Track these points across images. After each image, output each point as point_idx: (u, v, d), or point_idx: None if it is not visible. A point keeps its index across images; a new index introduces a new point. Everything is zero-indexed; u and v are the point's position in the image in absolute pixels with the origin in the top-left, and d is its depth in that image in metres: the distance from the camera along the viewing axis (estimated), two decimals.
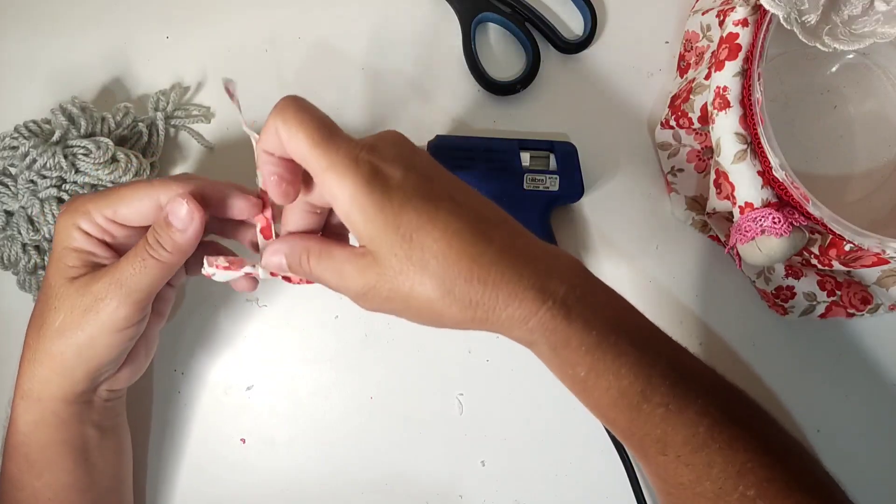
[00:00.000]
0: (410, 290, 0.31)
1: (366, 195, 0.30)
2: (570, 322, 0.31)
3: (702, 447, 0.31)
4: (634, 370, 0.31)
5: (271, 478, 0.47)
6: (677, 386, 0.32)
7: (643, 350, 0.32)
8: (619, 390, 0.31)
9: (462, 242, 0.31)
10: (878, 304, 0.46)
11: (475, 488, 0.47)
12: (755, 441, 0.32)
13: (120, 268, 0.36)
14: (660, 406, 0.31)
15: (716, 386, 0.34)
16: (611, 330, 0.32)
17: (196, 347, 0.48)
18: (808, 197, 0.38)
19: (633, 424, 0.32)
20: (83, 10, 0.50)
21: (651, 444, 0.32)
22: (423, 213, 0.31)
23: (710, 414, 0.32)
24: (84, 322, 0.35)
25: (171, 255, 0.36)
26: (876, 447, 0.49)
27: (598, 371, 0.31)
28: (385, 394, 0.48)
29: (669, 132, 0.48)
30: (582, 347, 0.31)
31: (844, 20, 0.40)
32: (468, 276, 0.30)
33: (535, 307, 0.31)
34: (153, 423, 0.47)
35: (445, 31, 0.50)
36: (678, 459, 0.32)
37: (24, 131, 0.44)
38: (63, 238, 0.36)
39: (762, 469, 0.32)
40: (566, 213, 0.49)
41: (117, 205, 0.36)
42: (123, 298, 0.35)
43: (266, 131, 0.32)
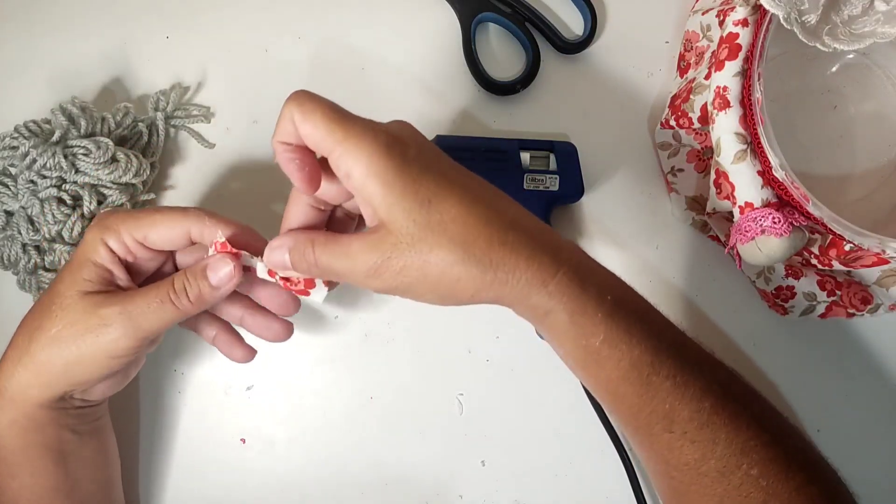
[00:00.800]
0: (428, 257, 0.31)
1: (384, 160, 0.30)
2: (584, 288, 0.31)
3: (707, 423, 0.32)
4: (644, 341, 0.32)
5: (271, 478, 0.47)
6: (682, 360, 0.32)
7: (650, 323, 0.33)
8: (631, 361, 0.32)
9: (480, 208, 0.31)
10: (878, 304, 0.46)
11: (475, 488, 0.47)
12: (756, 420, 0.33)
13: (135, 301, 0.35)
14: (668, 378, 0.32)
15: (715, 364, 0.34)
16: (620, 302, 0.32)
17: (196, 347, 0.48)
18: (808, 197, 0.38)
19: (642, 399, 0.32)
20: (83, 10, 0.50)
21: (658, 421, 0.32)
22: (442, 180, 0.31)
23: (713, 390, 0.32)
24: (81, 340, 0.35)
25: (192, 306, 0.36)
26: (876, 447, 0.49)
27: (612, 340, 0.32)
28: (385, 394, 0.48)
29: (669, 132, 0.48)
30: (598, 314, 0.31)
31: (844, 20, 0.40)
32: (489, 237, 0.31)
33: (553, 269, 0.31)
34: (153, 424, 0.47)
35: (445, 31, 0.50)
36: (684, 436, 0.32)
37: (24, 131, 0.44)
38: (88, 250, 0.36)
39: (764, 448, 0.32)
40: (566, 212, 0.49)
41: (149, 229, 0.36)
42: (129, 332, 0.35)
43: (281, 121, 0.32)
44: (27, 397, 0.36)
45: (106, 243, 0.36)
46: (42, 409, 0.37)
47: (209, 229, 0.36)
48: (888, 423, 0.49)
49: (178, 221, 0.36)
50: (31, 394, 0.36)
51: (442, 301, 0.33)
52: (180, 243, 0.37)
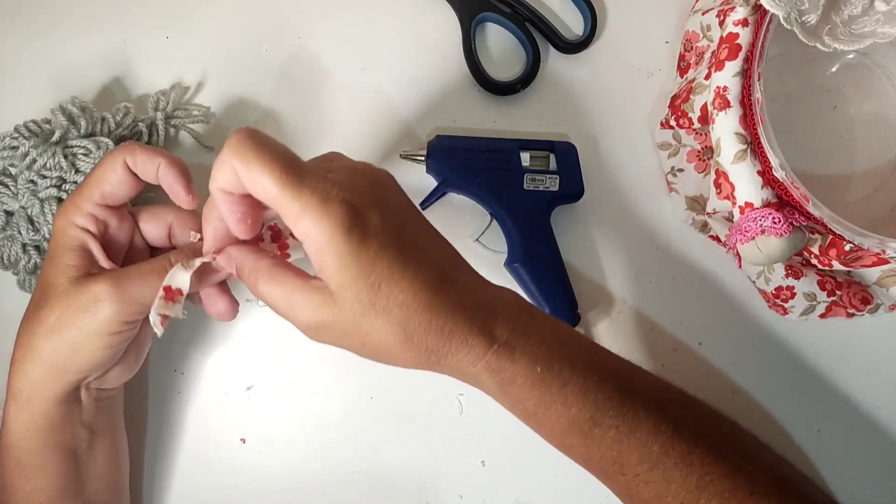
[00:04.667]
0: (368, 333, 0.32)
1: (343, 242, 0.30)
2: (514, 361, 0.32)
3: (657, 465, 0.33)
4: (581, 398, 0.33)
5: (271, 478, 0.47)
6: (626, 407, 0.33)
7: (589, 376, 0.33)
8: (569, 418, 0.33)
9: (426, 294, 0.32)
10: (878, 304, 0.46)
11: (475, 488, 0.47)
12: (711, 454, 0.33)
13: (127, 274, 0.36)
14: (610, 429, 0.33)
15: (668, 402, 0.34)
16: (554, 361, 0.33)
17: (196, 347, 0.48)
18: (808, 197, 0.38)
19: (589, 449, 0.33)
20: (83, 10, 0.50)
21: (609, 465, 0.34)
22: (395, 264, 0.31)
23: (663, 431, 0.33)
24: (79, 321, 0.35)
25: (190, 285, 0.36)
26: (876, 447, 0.49)
27: (546, 403, 0.33)
28: (385, 394, 0.48)
29: (669, 132, 0.48)
30: (527, 383, 0.33)
31: (844, 20, 0.40)
32: (428, 324, 0.32)
33: (482, 351, 0.32)
34: (153, 424, 0.47)
35: (445, 31, 0.50)
36: (637, 478, 0.33)
37: (24, 131, 0.44)
38: (60, 238, 0.37)
39: (721, 480, 0.33)
40: (566, 213, 0.49)
41: (98, 186, 0.37)
42: (121, 305, 0.35)
43: (222, 169, 0.30)
44: (41, 394, 0.36)
45: (75, 223, 0.37)
46: (58, 405, 0.37)
47: (140, 156, 0.37)
48: (888, 423, 0.49)
49: (113, 162, 0.37)
50: (43, 389, 0.36)
51: (379, 362, 0.34)
52: (129, 179, 0.37)
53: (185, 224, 0.39)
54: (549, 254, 0.47)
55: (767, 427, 0.48)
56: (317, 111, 0.50)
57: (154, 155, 0.37)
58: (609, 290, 0.49)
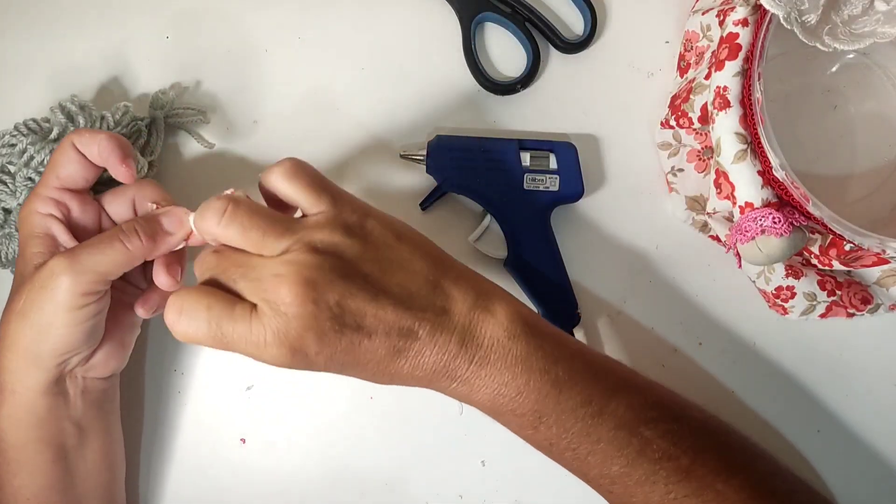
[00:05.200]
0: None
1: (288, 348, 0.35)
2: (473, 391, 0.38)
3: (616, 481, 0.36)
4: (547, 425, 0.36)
5: (271, 478, 0.47)
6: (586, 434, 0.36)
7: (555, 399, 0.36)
8: (536, 443, 0.37)
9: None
10: (878, 304, 0.46)
11: (475, 488, 0.47)
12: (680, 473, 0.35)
13: (81, 247, 0.36)
14: (567, 450, 0.37)
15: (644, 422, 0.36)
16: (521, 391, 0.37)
17: (196, 347, 0.48)
18: (808, 197, 0.38)
19: (550, 455, 0.38)
20: (83, 9, 0.50)
21: (573, 471, 0.38)
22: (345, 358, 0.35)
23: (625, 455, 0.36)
24: (39, 300, 0.35)
25: (143, 247, 0.36)
26: (876, 447, 0.49)
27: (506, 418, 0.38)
28: (385, 394, 0.48)
29: (669, 132, 0.48)
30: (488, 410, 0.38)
31: (844, 20, 0.40)
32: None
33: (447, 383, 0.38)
34: (153, 424, 0.47)
35: (445, 31, 0.50)
36: (600, 487, 0.38)
37: (22, 129, 0.44)
38: (25, 228, 0.38)
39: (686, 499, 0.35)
40: (566, 213, 0.49)
41: (53, 171, 0.38)
42: (76, 276, 0.34)
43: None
44: (24, 385, 0.36)
45: (36, 210, 0.37)
46: (42, 396, 0.37)
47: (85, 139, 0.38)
48: (888, 423, 0.49)
49: (63, 145, 0.38)
50: (25, 379, 0.36)
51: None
52: (80, 160, 0.38)
53: (145, 196, 0.40)
54: (549, 254, 0.46)
55: (767, 427, 0.48)
56: (317, 111, 0.50)
57: (95, 133, 0.38)
58: (609, 290, 0.49)
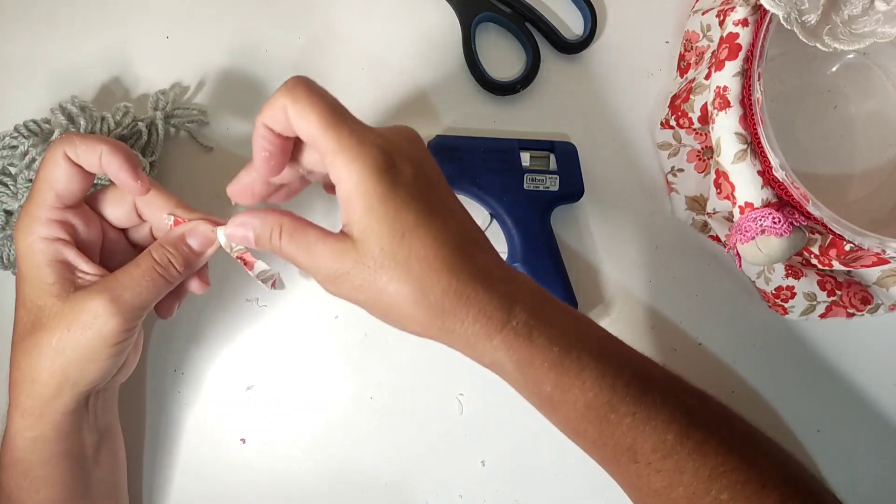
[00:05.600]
0: (385, 286, 0.31)
1: (374, 184, 0.30)
2: (531, 341, 0.32)
3: (671, 453, 0.32)
4: (599, 382, 0.32)
5: (271, 478, 0.47)
6: (643, 395, 0.33)
7: (606, 362, 0.33)
8: (586, 403, 0.32)
9: (447, 254, 0.31)
10: (878, 304, 0.46)
11: (475, 488, 0.47)
12: (724, 446, 0.33)
13: (122, 285, 0.35)
14: (627, 415, 0.32)
15: (681, 393, 0.34)
16: (572, 346, 0.32)
17: (196, 347, 0.48)
18: (808, 197, 0.38)
19: (603, 435, 0.33)
20: (83, 10, 0.50)
21: (622, 453, 0.33)
22: (422, 217, 0.31)
23: (678, 420, 0.33)
24: (84, 339, 0.34)
25: (180, 275, 0.36)
26: (876, 447, 0.49)
27: (564, 386, 0.32)
28: (385, 394, 0.48)
29: (669, 132, 0.48)
30: (545, 364, 0.32)
31: (844, 20, 0.40)
32: (447, 286, 0.31)
33: (500, 325, 0.32)
34: (153, 424, 0.47)
35: (445, 31, 0.50)
36: (649, 466, 0.33)
37: (23, 130, 0.44)
38: (29, 257, 0.35)
39: (733, 472, 0.32)
40: (566, 213, 0.49)
41: (50, 189, 0.35)
42: (122, 316, 0.34)
43: (272, 107, 0.32)
44: (53, 409, 0.36)
45: (42, 237, 0.35)
46: (68, 415, 0.37)
47: (80, 146, 0.35)
48: (888, 423, 0.49)
49: (53, 156, 0.35)
50: (57, 405, 0.36)
51: (390, 324, 0.34)
52: (79, 175, 0.35)
53: (154, 206, 0.37)
54: (549, 254, 0.47)
55: (767, 427, 0.48)
56: None
57: (94, 142, 0.35)
58: (609, 290, 0.49)
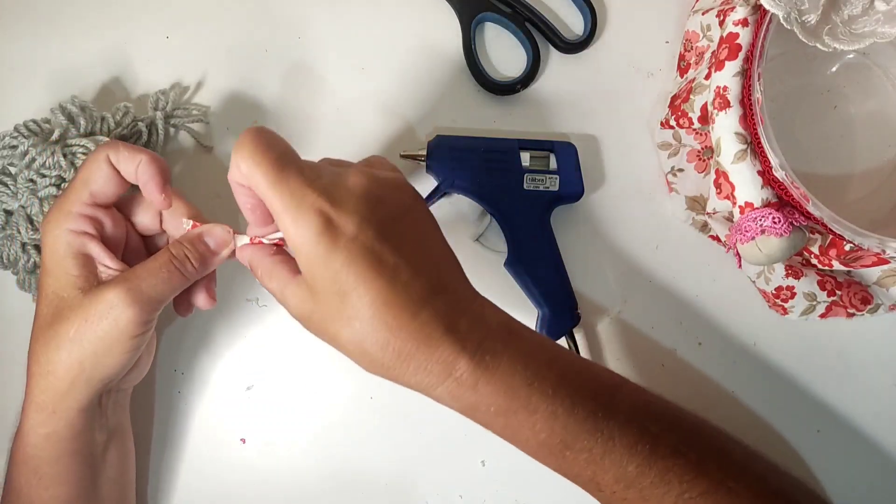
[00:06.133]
0: (336, 335, 0.33)
1: (312, 246, 0.31)
2: (476, 391, 0.32)
3: (633, 484, 0.32)
4: (550, 424, 0.32)
5: (271, 478, 0.47)
6: (599, 431, 0.32)
7: (561, 401, 0.32)
8: (538, 442, 0.33)
9: (388, 313, 0.32)
10: (878, 304, 0.46)
11: (475, 488, 0.47)
12: (690, 472, 0.32)
13: (139, 277, 0.36)
14: (583, 451, 0.32)
15: (645, 420, 0.34)
16: (523, 388, 0.32)
17: (196, 347, 0.48)
18: (808, 197, 0.38)
19: (562, 468, 0.34)
20: (83, 10, 0.50)
21: (586, 483, 0.34)
22: (361, 277, 0.31)
23: (639, 451, 0.32)
24: (100, 330, 0.35)
25: (197, 272, 0.37)
26: (876, 447, 0.49)
27: (513, 428, 0.33)
28: (385, 394, 0.48)
29: (669, 132, 0.48)
30: (491, 409, 0.33)
31: (844, 20, 0.40)
32: (385, 344, 0.32)
33: (442, 377, 0.32)
34: (153, 424, 0.47)
35: (445, 31, 0.50)
36: (614, 495, 0.33)
37: (23, 130, 0.44)
38: (57, 248, 0.36)
39: (700, 498, 0.32)
40: (566, 213, 0.49)
41: (86, 186, 0.37)
42: (139, 308, 0.35)
43: (232, 164, 0.33)
44: (66, 405, 0.36)
45: (69, 230, 0.36)
46: (83, 413, 0.37)
47: (122, 153, 0.37)
48: (888, 423, 0.49)
49: (96, 158, 0.37)
50: (71, 401, 0.36)
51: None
52: (116, 179, 0.37)
53: (177, 212, 0.39)
54: (549, 254, 0.47)
55: (767, 427, 0.48)
56: (317, 111, 0.50)
57: (136, 152, 0.37)
58: (609, 290, 0.49)
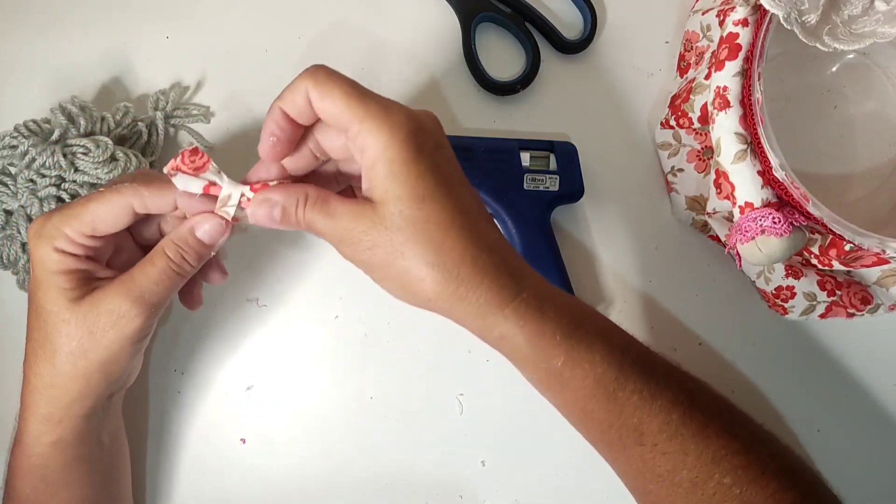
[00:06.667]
0: (401, 247, 0.31)
1: (399, 148, 0.31)
2: (542, 313, 0.32)
3: (676, 434, 0.33)
4: (608, 358, 0.33)
5: (271, 478, 0.47)
6: (648, 374, 0.33)
7: (613, 340, 0.33)
8: (595, 378, 0.32)
9: (464, 223, 0.32)
10: (878, 304, 0.46)
11: (475, 488, 0.47)
12: (724, 430, 0.33)
13: (137, 281, 0.34)
14: (634, 393, 0.33)
15: (682, 377, 0.35)
16: (581, 323, 0.33)
17: (196, 347, 0.48)
18: (808, 197, 0.38)
19: (611, 414, 0.33)
20: (83, 10, 0.50)
21: (628, 434, 0.33)
22: (442, 185, 0.31)
23: (681, 402, 0.33)
24: (106, 340, 0.34)
25: (194, 268, 0.36)
26: (876, 447, 0.49)
27: (574, 360, 0.32)
28: (385, 394, 0.48)
29: (669, 132, 0.48)
30: (556, 336, 0.32)
31: (844, 20, 0.40)
32: (462, 252, 0.31)
33: (512, 295, 0.32)
34: (153, 424, 0.47)
35: (445, 31, 0.50)
36: (655, 448, 0.33)
37: (23, 130, 0.44)
38: (46, 264, 0.34)
39: (735, 456, 0.33)
40: (566, 213, 0.49)
41: (92, 220, 0.34)
42: (147, 315, 0.35)
43: (292, 91, 0.32)
44: (73, 413, 0.36)
45: (58, 249, 0.34)
46: (87, 419, 0.37)
47: (152, 202, 0.35)
48: (888, 423, 0.49)
49: (117, 202, 0.34)
50: (78, 409, 0.36)
51: (399, 293, 0.33)
52: (128, 220, 0.35)
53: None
54: (549, 254, 0.47)
55: (767, 427, 0.48)
56: None
57: (164, 188, 0.34)
58: (609, 290, 0.49)
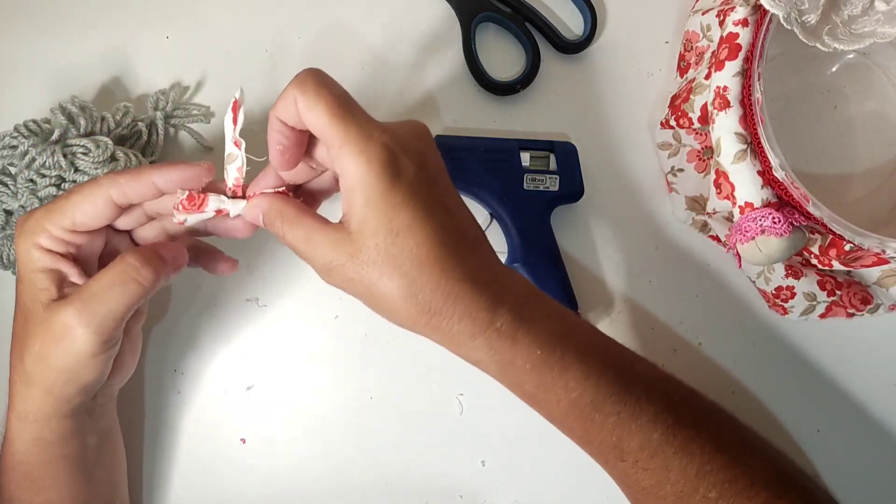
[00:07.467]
0: (376, 280, 0.32)
1: (375, 179, 0.31)
2: (514, 342, 0.32)
3: (657, 452, 0.33)
4: (583, 382, 0.33)
5: (271, 478, 0.47)
6: (628, 393, 0.33)
7: (591, 361, 0.33)
8: (570, 402, 0.33)
9: (440, 254, 0.32)
10: (878, 304, 0.46)
11: (475, 488, 0.47)
12: (711, 443, 0.33)
13: (91, 293, 0.34)
14: (611, 415, 0.33)
15: (668, 391, 0.34)
16: (556, 346, 0.33)
17: (196, 347, 0.48)
18: (808, 197, 0.38)
19: (588, 433, 0.33)
20: (83, 10, 0.50)
21: (609, 451, 0.33)
22: (418, 215, 0.31)
23: (663, 419, 0.33)
24: (60, 350, 0.34)
25: (157, 280, 0.35)
26: (876, 447, 0.49)
27: (545, 385, 0.33)
28: (385, 394, 0.48)
29: (669, 132, 0.48)
30: (527, 365, 0.32)
31: (844, 20, 0.40)
32: (435, 286, 0.32)
33: (484, 325, 0.32)
34: (153, 423, 0.47)
35: (445, 31, 0.50)
36: (637, 465, 0.33)
37: (23, 130, 0.44)
38: (27, 261, 0.34)
39: (721, 471, 0.33)
40: (566, 213, 0.49)
41: (72, 214, 0.34)
42: (94, 328, 0.33)
43: (283, 99, 0.32)
44: (46, 414, 0.36)
45: (40, 245, 0.34)
46: (64, 419, 0.36)
47: (130, 188, 0.34)
48: (888, 423, 0.49)
49: (95, 193, 0.34)
50: (50, 410, 0.36)
51: (381, 315, 0.34)
52: (110, 214, 0.35)
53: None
54: (549, 254, 0.47)
55: (767, 427, 0.48)
56: None
57: (138, 175, 0.34)
58: (609, 290, 0.49)
